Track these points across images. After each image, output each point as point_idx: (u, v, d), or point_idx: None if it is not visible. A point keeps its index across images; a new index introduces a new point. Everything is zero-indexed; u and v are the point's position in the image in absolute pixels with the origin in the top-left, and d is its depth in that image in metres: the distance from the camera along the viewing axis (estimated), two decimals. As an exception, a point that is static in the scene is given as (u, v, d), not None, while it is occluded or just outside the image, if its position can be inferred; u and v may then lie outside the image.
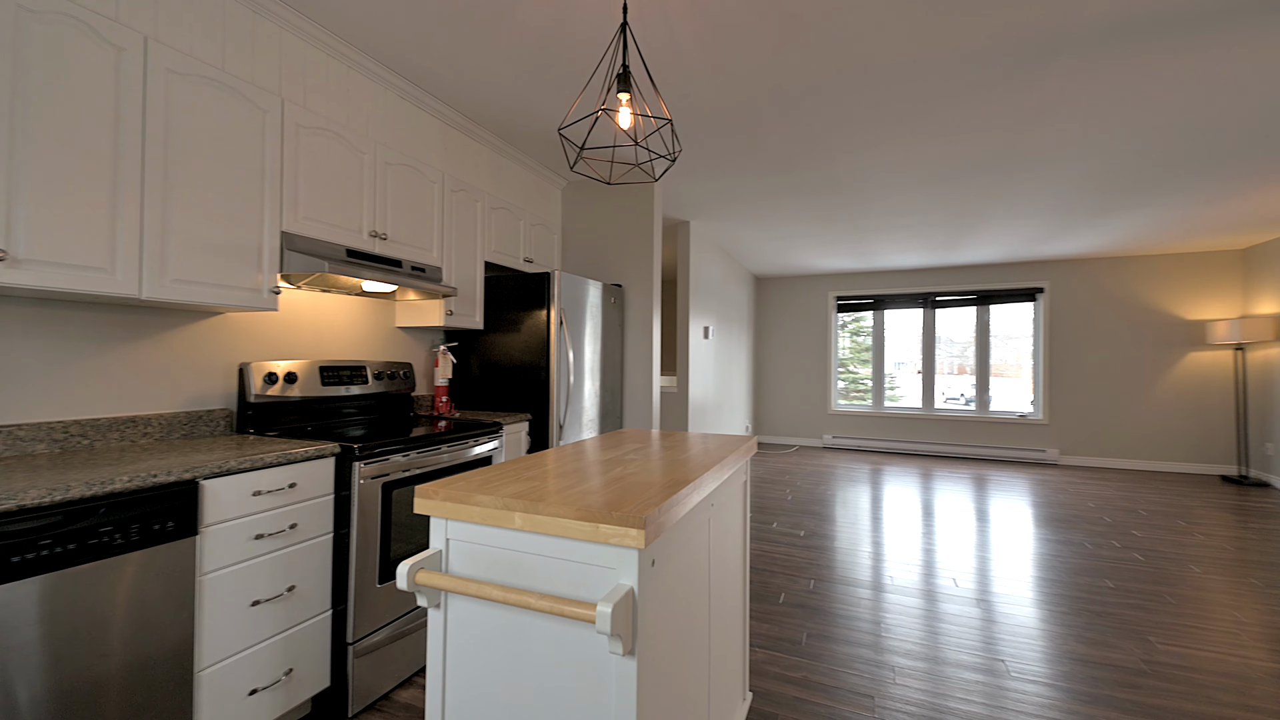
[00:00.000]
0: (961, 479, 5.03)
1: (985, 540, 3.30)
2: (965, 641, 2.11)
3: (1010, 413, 6.10)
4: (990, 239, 4.92)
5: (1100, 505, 4.13)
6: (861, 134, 2.76)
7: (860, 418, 6.71)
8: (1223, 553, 3.10)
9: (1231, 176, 3.29)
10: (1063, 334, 5.86)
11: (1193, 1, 1.74)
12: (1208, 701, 1.73)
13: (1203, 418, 5.35)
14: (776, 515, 3.81)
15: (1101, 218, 4.21)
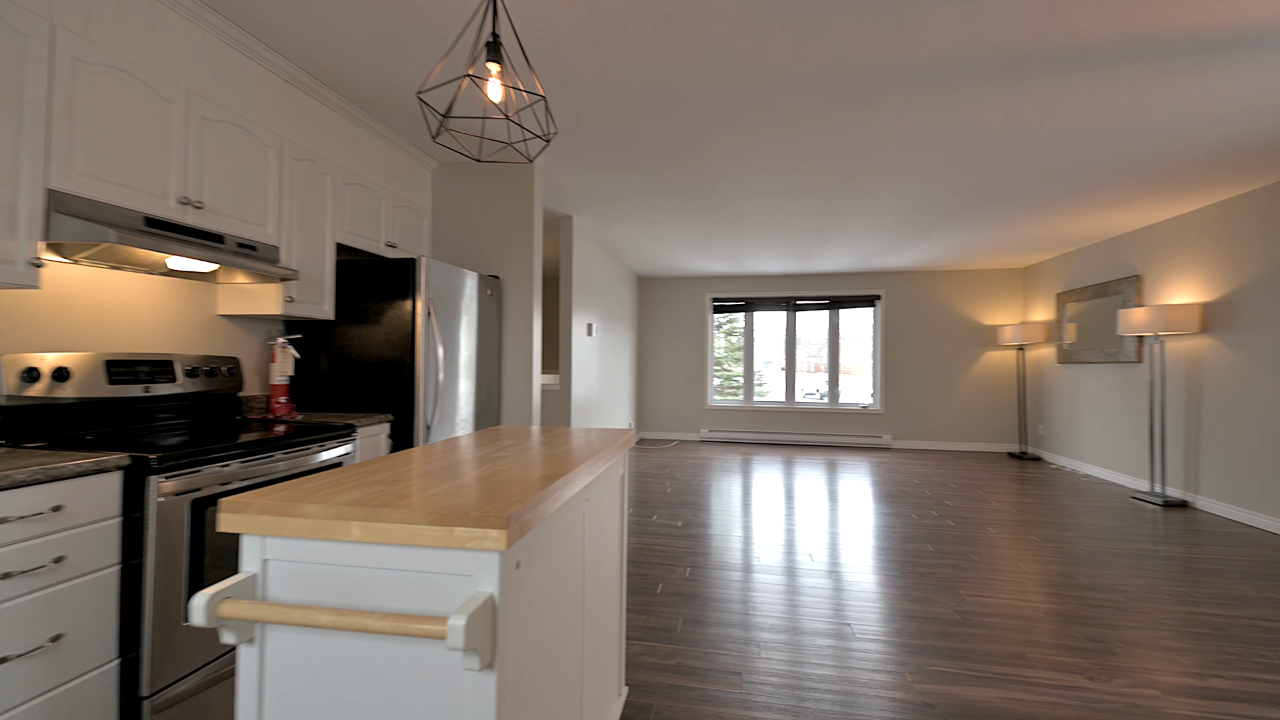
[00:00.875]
0: (817, 464, 5.59)
1: (835, 518, 3.68)
2: (819, 611, 2.31)
3: (855, 404, 6.91)
4: (840, 250, 5.52)
5: (922, 481, 4.83)
6: (734, 142, 2.91)
7: (733, 412, 7.16)
8: (1010, 515, 3.78)
9: (1017, 207, 4.03)
10: (895, 336, 6.78)
11: (997, 52, 2.08)
12: (1004, 641, 2.08)
13: (995, 406, 6.52)
14: (657, 508, 3.90)
15: (926, 236, 4.92)
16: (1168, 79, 2.23)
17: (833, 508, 3.95)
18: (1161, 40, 1.97)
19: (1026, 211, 4.14)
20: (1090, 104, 2.45)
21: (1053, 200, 3.86)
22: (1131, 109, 2.49)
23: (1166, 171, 3.27)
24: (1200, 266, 4.00)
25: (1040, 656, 1.96)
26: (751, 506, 3.97)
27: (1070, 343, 5.52)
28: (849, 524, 3.55)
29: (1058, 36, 1.96)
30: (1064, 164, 3.17)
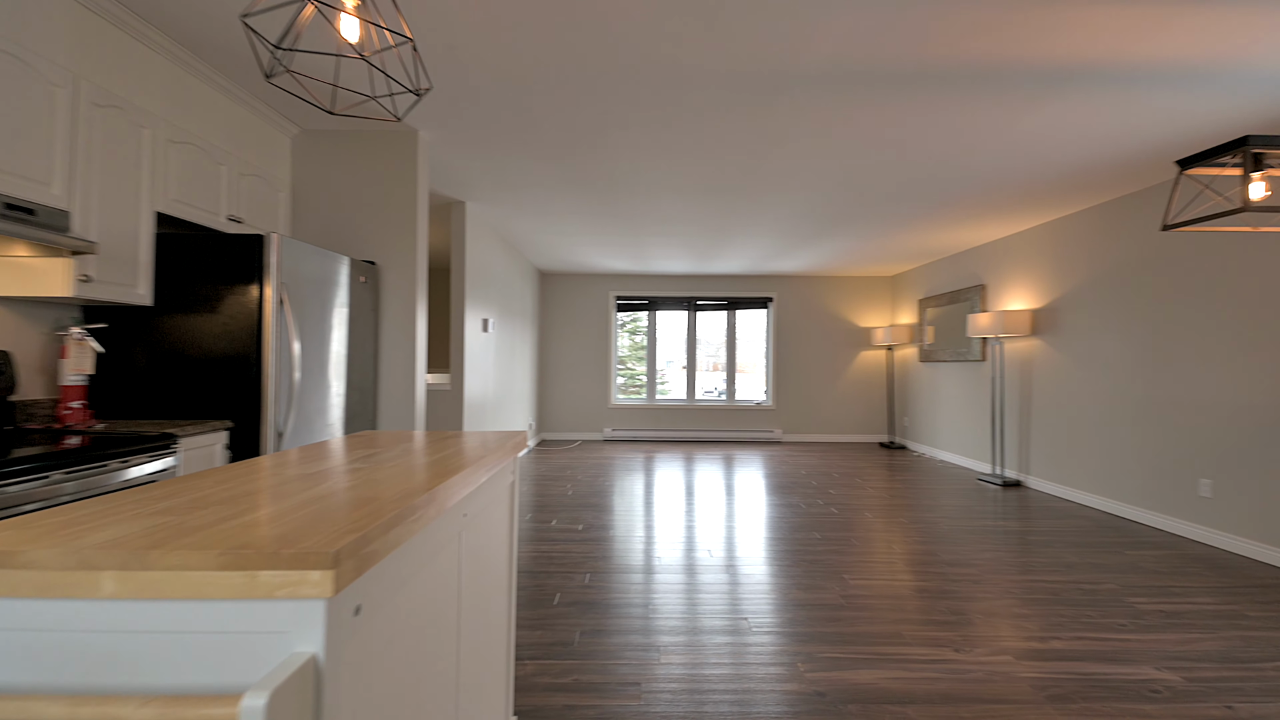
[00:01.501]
0: (716, 460, 5.75)
1: (732, 512, 3.77)
2: (718, 607, 2.31)
3: (750, 401, 7.23)
4: (738, 252, 5.72)
5: (809, 472, 5.14)
6: (637, 135, 2.85)
7: (637, 411, 7.16)
8: (883, 500, 4.12)
9: (890, 219, 4.41)
10: (785, 336, 7.19)
11: (875, 68, 2.20)
12: (883, 622, 2.21)
13: (868, 400, 7.16)
14: (557, 512, 3.74)
15: (813, 243, 5.25)
16: (1014, 107, 2.51)
17: (730, 502, 4.05)
18: (1008, 71, 2.21)
19: (898, 223, 4.55)
20: (952, 127, 2.70)
21: (919, 214, 4.27)
22: (985, 134, 2.79)
23: (1008, 193, 3.74)
24: (1032, 278, 4.65)
25: (913, 633, 2.11)
26: (653, 505, 3.95)
27: (929, 344, 6.19)
28: (745, 517, 3.65)
29: (925, 60, 2.12)
30: (929, 182, 3.50)
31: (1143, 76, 2.21)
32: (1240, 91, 2.32)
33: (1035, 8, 1.82)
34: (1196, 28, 1.89)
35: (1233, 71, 2.16)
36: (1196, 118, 2.55)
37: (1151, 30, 1.91)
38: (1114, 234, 3.82)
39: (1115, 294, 3.80)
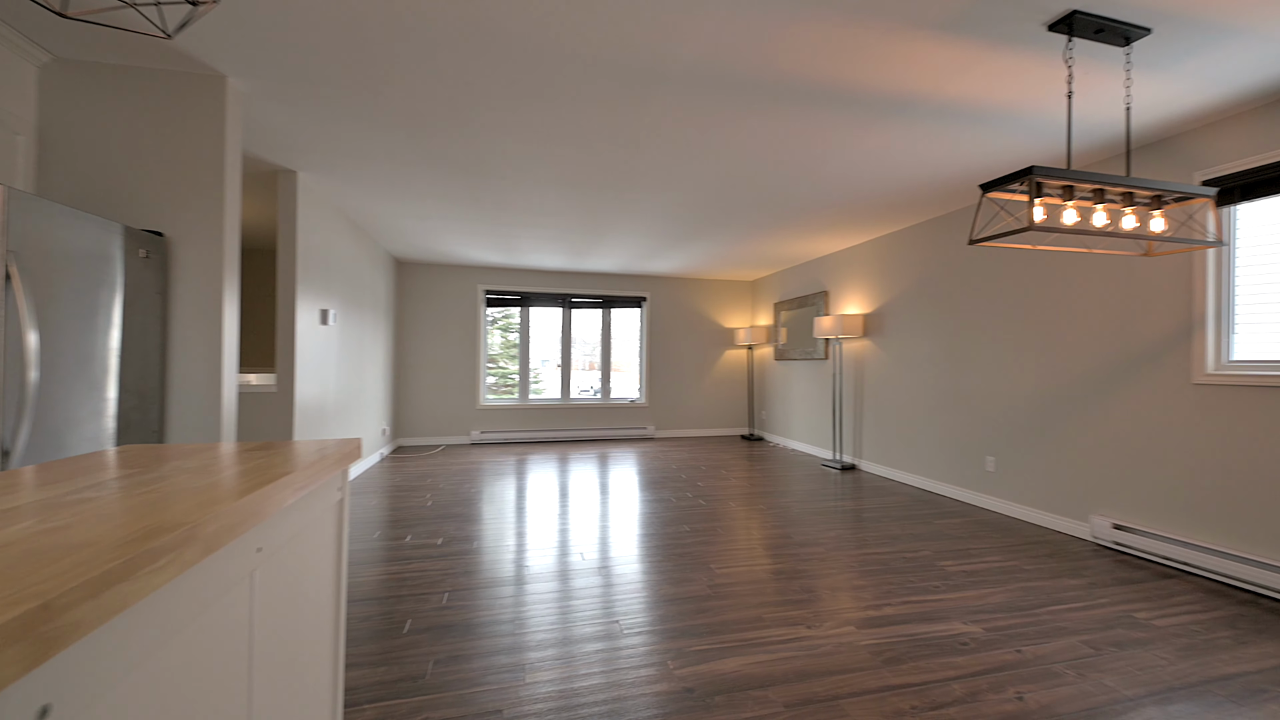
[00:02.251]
0: (590, 459, 5.68)
1: (606, 511, 3.72)
2: (590, 613, 2.23)
3: (624, 399, 7.30)
4: (612, 250, 5.72)
5: (680, 466, 5.31)
6: (504, 117, 2.65)
7: (508, 411, 6.83)
8: (745, 490, 4.38)
9: (753, 226, 4.71)
10: (658, 335, 7.38)
11: (739, 74, 2.28)
12: (746, 608, 2.29)
13: (732, 396, 7.64)
14: (412, 526, 3.37)
15: (684, 244, 5.42)
16: (856, 130, 2.79)
17: (604, 501, 4.00)
18: (851, 95, 2.43)
19: (759, 231, 4.88)
20: (806, 143, 2.92)
21: (777, 223, 4.61)
22: (832, 151, 3.06)
23: (849, 209, 4.19)
24: (865, 286, 5.29)
25: (772, 615, 2.22)
26: (524, 511, 3.75)
27: (783, 344, 6.78)
28: (619, 515, 3.62)
29: (782, 73, 2.24)
30: (786, 193, 3.79)
31: (953, 112, 2.58)
32: (1030, 130, 2.81)
33: (870, 36, 2.00)
34: (994, 73, 2.23)
35: (1022, 113, 2.61)
36: (998, 151, 3.06)
37: (959, 72, 2.22)
38: (929, 249, 4.47)
39: (928, 301, 4.46)
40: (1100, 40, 1.94)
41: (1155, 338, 2.86)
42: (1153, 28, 1.89)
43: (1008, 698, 1.68)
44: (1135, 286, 2.95)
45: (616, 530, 3.31)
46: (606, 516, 3.61)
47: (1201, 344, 2.66)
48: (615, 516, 3.61)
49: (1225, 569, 2.50)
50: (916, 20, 1.90)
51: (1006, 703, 1.66)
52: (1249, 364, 2.53)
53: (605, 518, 3.58)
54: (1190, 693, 1.70)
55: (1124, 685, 1.74)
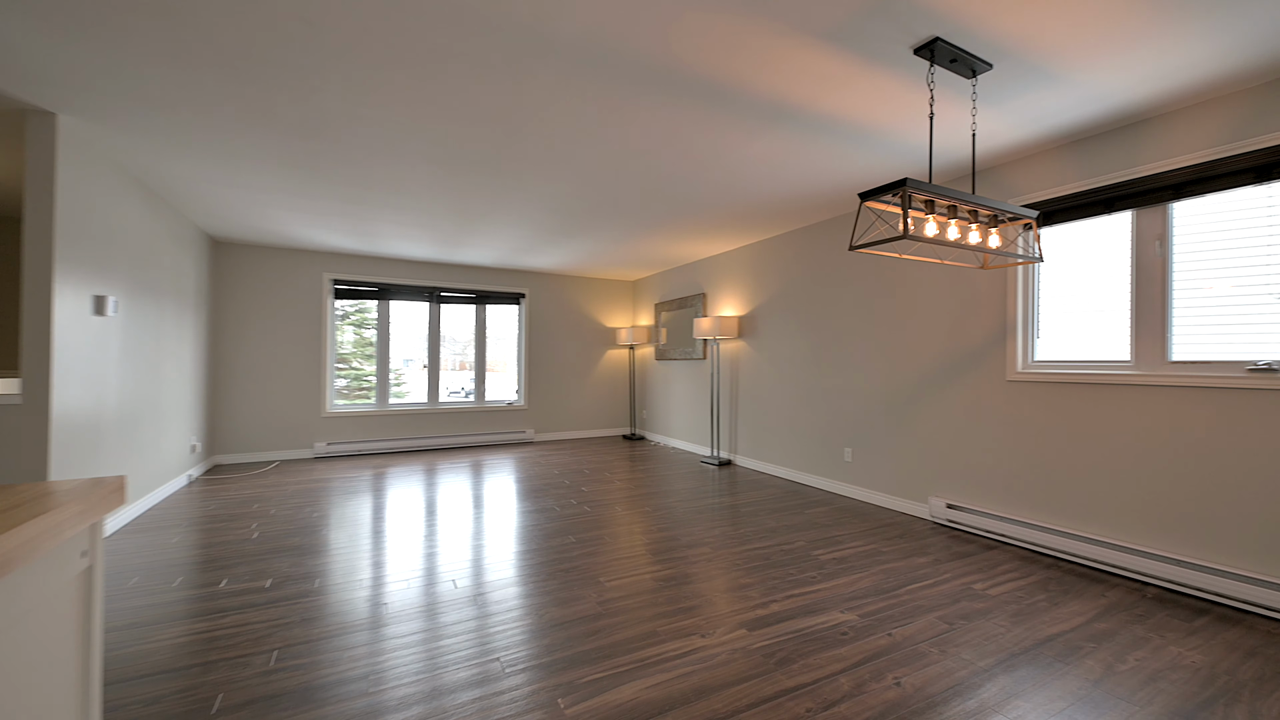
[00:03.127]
0: (462, 468, 5.20)
1: (481, 527, 3.38)
2: (464, 654, 1.93)
3: (501, 401, 6.86)
4: (488, 242, 5.29)
5: (563, 471, 5.08)
6: (357, 73, 2.21)
7: (363, 419, 6.02)
8: (629, 492, 4.30)
9: (636, 225, 4.64)
10: (538, 334, 7.06)
11: (625, 60, 2.14)
12: (639, 623, 2.17)
13: (614, 396, 7.58)
14: (230, 567, 2.73)
15: (566, 240, 5.20)
16: (741, 133, 2.81)
17: (479, 516, 3.64)
18: (739, 96, 2.43)
19: (641, 230, 4.83)
20: (692, 142, 2.89)
21: (659, 223, 4.60)
22: (718, 153, 3.08)
23: (729, 213, 4.30)
24: (740, 289, 5.53)
25: (666, 627, 2.12)
26: (383, 534, 3.26)
27: (663, 344, 6.87)
28: (496, 531, 3.30)
29: (672, 60, 2.16)
30: (669, 193, 3.76)
31: (832, 126, 2.71)
32: (896, 150, 3.06)
33: (761, 37, 1.99)
34: (868, 91, 2.37)
35: (891, 133, 2.83)
36: (869, 167, 3.30)
37: (839, 86, 2.32)
38: (799, 256, 4.78)
39: (796, 305, 4.77)
40: (953, 70, 2.14)
41: (979, 340, 3.31)
42: (994, 63, 2.13)
43: (888, 685, 1.75)
44: (965, 296, 3.39)
45: (494, 549, 3.01)
46: (481, 534, 3.27)
47: (1013, 346, 3.13)
48: (492, 533, 3.29)
49: (1035, 539, 2.95)
50: (803, 25, 1.92)
51: (888, 690, 1.73)
52: (1048, 363, 3.02)
53: (480, 536, 3.24)
54: (1027, 657, 1.92)
55: (978, 657, 1.92)
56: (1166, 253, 2.56)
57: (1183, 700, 1.67)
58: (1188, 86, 2.29)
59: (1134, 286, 2.67)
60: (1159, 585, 2.49)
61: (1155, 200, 2.56)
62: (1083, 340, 2.89)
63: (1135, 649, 1.97)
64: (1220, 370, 2.38)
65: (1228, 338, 2.37)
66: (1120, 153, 2.68)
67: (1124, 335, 2.72)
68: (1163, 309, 2.57)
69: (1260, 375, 2.24)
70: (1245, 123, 2.28)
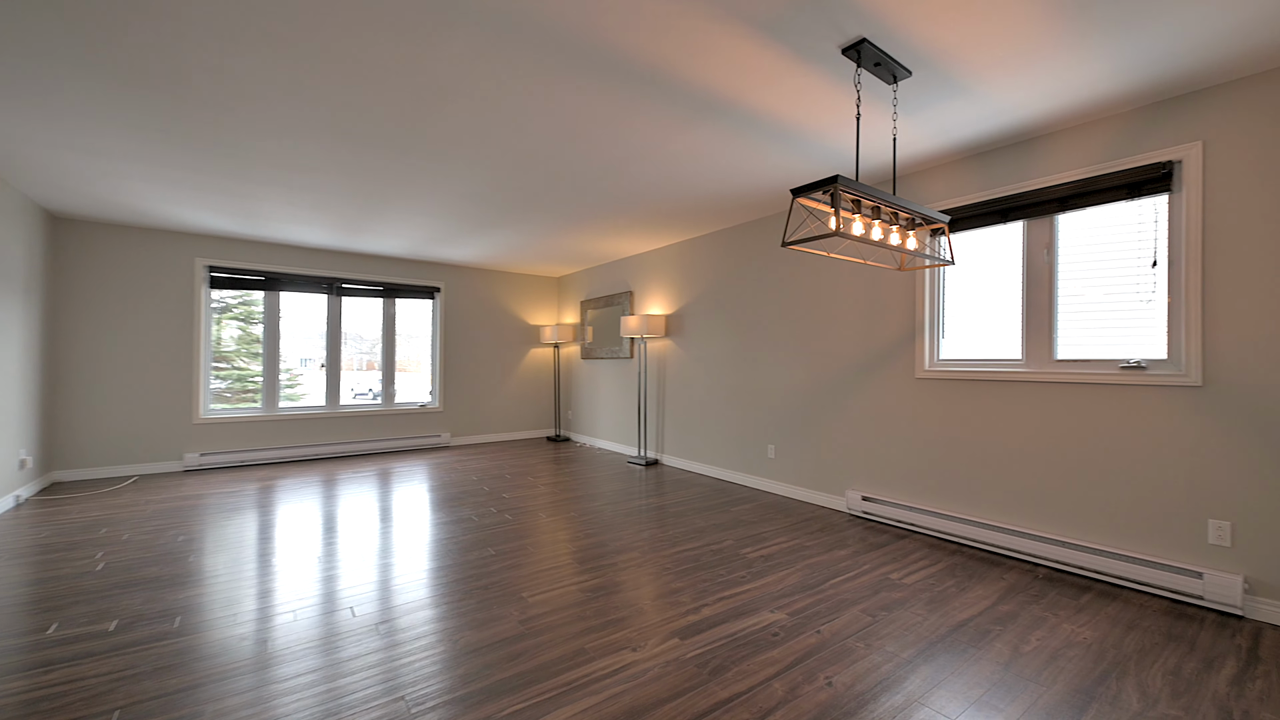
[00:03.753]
0: (367, 477, 4.74)
1: (387, 544, 3.05)
2: (361, 693, 1.68)
3: (413, 403, 6.37)
4: (397, 230, 4.86)
5: (481, 477, 4.78)
6: (235, 23, 1.86)
7: (246, 425, 5.32)
8: (554, 497, 4.11)
9: (559, 219, 4.44)
10: (455, 331, 6.63)
11: (557, 27, 1.98)
12: (565, 640, 2.01)
13: (537, 396, 7.31)
14: (64, 608, 2.24)
15: (484, 231, 4.89)
16: (671, 125, 2.73)
17: (385, 530, 3.29)
18: (670, 84, 2.34)
19: (565, 224, 4.65)
20: (619, 131, 2.77)
21: (586, 219, 4.44)
22: (646, 144, 2.98)
23: (657, 210, 4.23)
24: (667, 288, 5.50)
25: (596, 643, 1.99)
26: (269, 557, 2.84)
27: (589, 342, 6.71)
28: (404, 547, 3.00)
29: (599, 35, 2.03)
30: (595, 186, 3.62)
31: (760, 123, 2.70)
32: (822, 154, 3.11)
33: (695, 20, 1.91)
34: (798, 90, 2.37)
35: (818, 135, 2.86)
36: (794, 167, 3.34)
37: (769, 82, 2.30)
38: (724, 256, 4.81)
39: (722, 305, 4.80)
40: (877, 74, 2.18)
41: (892, 340, 3.48)
42: (914, 71, 2.19)
43: (820, 686, 1.73)
44: (879, 298, 3.55)
45: (402, 568, 2.71)
46: (388, 551, 2.95)
47: (921, 346, 3.31)
48: (400, 550, 2.98)
49: (941, 527, 3.13)
50: (734, 9, 1.86)
51: (820, 691, 1.70)
52: (952, 361, 3.22)
53: (386, 553, 2.92)
54: (944, 645, 1.99)
55: (901, 648, 1.96)
56: (1053, 260, 2.80)
57: (1081, 677, 1.79)
58: (1075, 106, 2.51)
59: (1025, 290, 2.90)
60: (1048, 566, 2.72)
61: (1043, 212, 2.79)
62: (982, 340, 3.10)
63: (1035, 629, 2.10)
64: (1098, 367, 2.63)
65: (1104, 337, 2.62)
66: (1015, 167, 2.90)
67: (1016, 335, 2.95)
68: (1049, 311, 2.80)
69: (1130, 372, 2.50)
70: (1121, 143, 2.54)
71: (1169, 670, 1.82)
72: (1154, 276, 2.47)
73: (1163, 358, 2.45)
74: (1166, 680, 1.76)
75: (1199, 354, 2.31)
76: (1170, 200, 2.43)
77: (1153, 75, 2.23)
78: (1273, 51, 2.06)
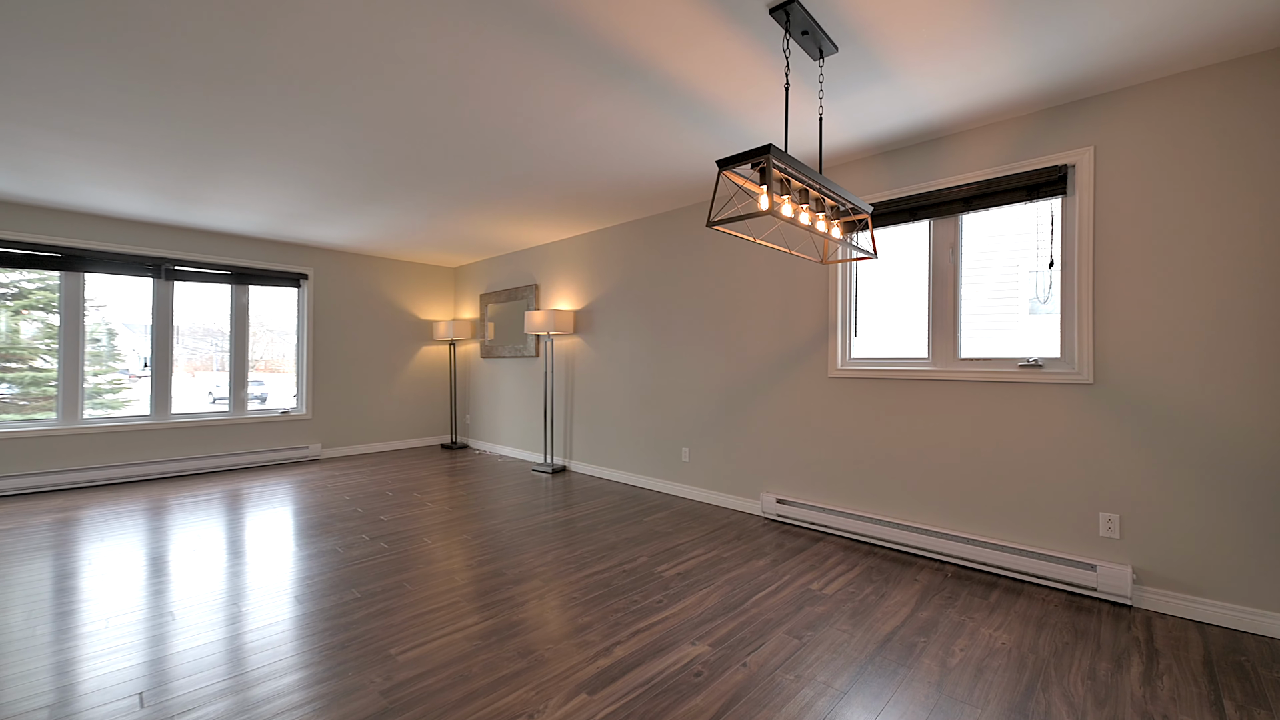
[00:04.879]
0: (205, 502, 3.86)
1: (219, 591, 2.39)
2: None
3: (274, 410, 5.42)
4: (242, 201, 4.02)
5: (355, 496, 4.10)
6: None
7: (36, 441, 4.17)
8: (445, 516, 3.58)
9: (449, 197, 3.90)
10: (328, 326, 5.75)
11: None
12: (444, 711, 1.59)
13: (430, 399, 6.59)
14: None
15: (362, 207, 4.20)
16: (576, 91, 2.38)
17: (233, 572, 2.60)
18: (576, 33, 1.99)
19: (457, 203, 4.11)
20: (512, 93, 2.37)
21: (481, 199, 3.95)
22: (544, 113, 2.60)
23: (560, 193, 3.85)
24: (576, 281, 5.12)
25: (485, 709, 1.59)
26: (36, 622, 2.08)
27: (490, 339, 6.15)
28: (240, 594, 2.36)
29: (502, -38, 1.64)
30: (488, 156, 3.17)
31: (677, 93, 2.43)
32: (744, 137, 2.90)
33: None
34: (720, 54, 2.12)
35: (739, 113, 2.64)
36: (714, 151, 3.11)
37: (689, 43, 2.03)
38: (636, 249, 4.53)
39: (634, 301, 4.53)
40: (804, 46, 1.99)
41: (805, 339, 3.40)
42: (840, 46, 2.04)
43: (752, 738, 1.49)
44: (793, 296, 3.46)
45: (226, 629, 2.11)
46: (214, 605, 2.31)
47: (834, 344, 3.25)
48: (232, 599, 2.34)
49: (854, 528, 3.08)
50: (659, -57, 1.55)
51: (752, 747, 1.45)
52: (863, 360, 3.19)
53: (216, 606, 2.28)
54: (875, 667, 1.83)
55: (832, 676, 1.77)
56: (958, 260, 2.83)
57: (1010, 691, 1.70)
58: (983, 105, 2.51)
59: (931, 289, 2.92)
60: (956, 564, 2.73)
61: (949, 212, 2.81)
62: (892, 339, 3.09)
63: (956, 636, 2.03)
64: (999, 366, 2.68)
65: (1005, 336, 2.68)
66: (924, 166, 2.91)
67: (923, 334, 2.96)
68: (954, 310, 2.83)
69: (1028, 370, 2.56)
70: (1021, 146, 2.59)
71: (1085, 674, 1.80)
72: (1050, 276, 2.54)
73: (1056, 356, 2.53)
74: (1087, 686, 1.73)
75: (1090, 351, 2.40)
76: (1064, 203, 2.51)
77: (1054, 76, 2.26)
78: (1161, 60, 2.16)
